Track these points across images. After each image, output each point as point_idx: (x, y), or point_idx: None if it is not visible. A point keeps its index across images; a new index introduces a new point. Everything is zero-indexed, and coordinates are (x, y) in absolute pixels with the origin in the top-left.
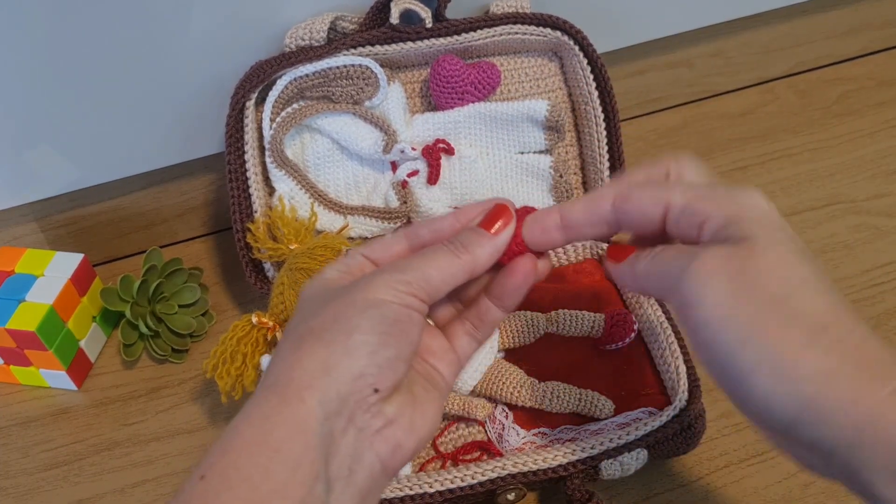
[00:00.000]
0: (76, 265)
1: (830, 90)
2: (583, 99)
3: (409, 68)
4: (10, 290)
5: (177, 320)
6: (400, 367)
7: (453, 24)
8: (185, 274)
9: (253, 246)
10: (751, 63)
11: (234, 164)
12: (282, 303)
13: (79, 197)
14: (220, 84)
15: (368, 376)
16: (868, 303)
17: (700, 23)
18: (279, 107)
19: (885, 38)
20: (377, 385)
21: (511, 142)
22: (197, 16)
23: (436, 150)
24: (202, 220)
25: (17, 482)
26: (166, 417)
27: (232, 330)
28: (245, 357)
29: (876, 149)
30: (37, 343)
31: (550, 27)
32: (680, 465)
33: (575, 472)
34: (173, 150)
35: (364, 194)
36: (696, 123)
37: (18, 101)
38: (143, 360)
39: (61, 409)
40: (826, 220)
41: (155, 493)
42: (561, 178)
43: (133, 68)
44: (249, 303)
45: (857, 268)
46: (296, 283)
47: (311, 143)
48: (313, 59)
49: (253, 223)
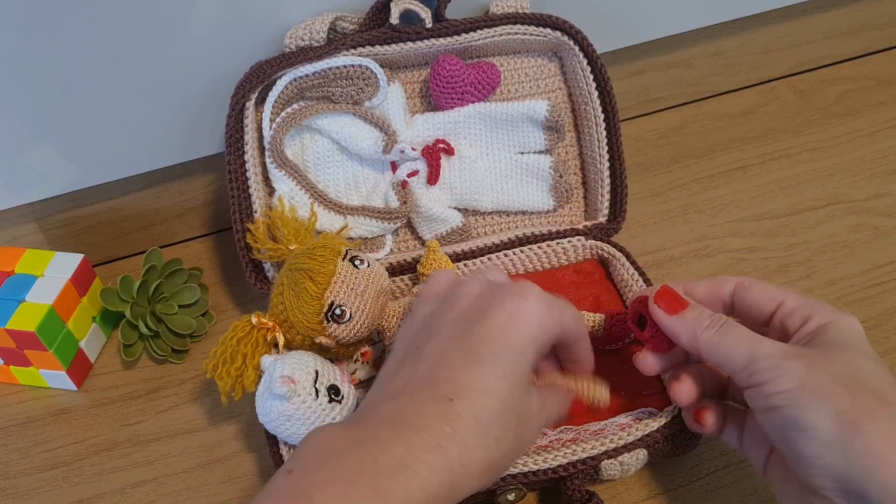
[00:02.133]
0: (76, 265)
1: (830, 90)
2: (582, 99)
3: (409, 68)
4: (9, 291)
5: (177, 320)
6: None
7: (453, 25)
8: (185, 274)
9: (252, 246)
10: (750, 63)
11: (234, 164)
12: (281, 303)
13: (79, 197)
14: (220, 84)
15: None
16: (868, 303)
17: (700, 23)
18: (279, 107)
19: (884, 38)
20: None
21: (511, 142)
22: (197, 16)
23: (436, 151)
24: (202, 221)
25: (16, 482)
26: (166, 418)
27: (232, 330)
28: (245, 357)
29: (875, 149)
30: (37, 343)
31: (550, 27)
32: (680, 465)
33: (575, 473)
34: (173, 151)
35: (364, 194)
36: (695, 123)
37: (18, 101)
38: (142, 360)
39: (61, 410)
40: (826, 219)
41: (155, 494)
42: (561, 178)
43: (133, 68)
44: (249, 303)
45: (856, 268)
46: (295, 283)
47: (311, 143)
48: (313, 59)
49: (253, 223)
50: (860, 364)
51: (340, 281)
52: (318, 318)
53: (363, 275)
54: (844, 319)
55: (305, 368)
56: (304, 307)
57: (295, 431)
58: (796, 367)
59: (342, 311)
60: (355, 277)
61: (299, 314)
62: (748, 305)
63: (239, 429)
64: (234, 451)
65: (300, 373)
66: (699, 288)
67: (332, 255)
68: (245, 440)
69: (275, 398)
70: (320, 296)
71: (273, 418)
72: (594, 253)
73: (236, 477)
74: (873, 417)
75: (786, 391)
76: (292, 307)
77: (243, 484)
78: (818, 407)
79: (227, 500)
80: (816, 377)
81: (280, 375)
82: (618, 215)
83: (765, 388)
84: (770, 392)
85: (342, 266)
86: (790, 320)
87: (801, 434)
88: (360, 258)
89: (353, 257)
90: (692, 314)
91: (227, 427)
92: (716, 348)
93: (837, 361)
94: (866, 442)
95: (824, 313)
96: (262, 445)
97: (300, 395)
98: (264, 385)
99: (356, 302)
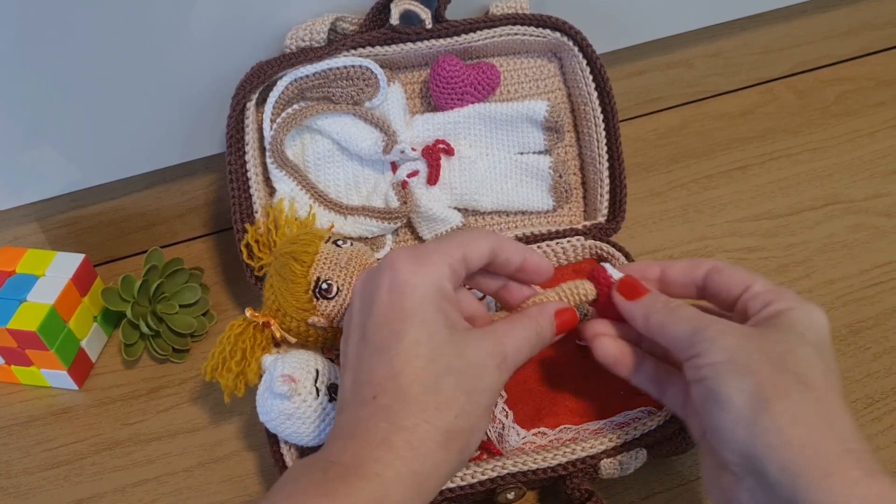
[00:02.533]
0: (77, 265)
1: (829, 90)
2: (582, 99)
3: (408, 69)
4: (11, 290)
5: (177, 320)
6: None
7: (453, 25)
8: (186, 274)
9: (245, 253)
10: (750, 63)
11: (234, 164)
12: (272, 292)
13: (80, 197)
14: (220, 85)
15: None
16: (867, 303)
17: (700, 23)
18: (280, 107)
19: (884, 38)
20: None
21: (511, 142)
22: (198, 16)
23: (436, 151)
24: (203, 221)
25: (18, 482)
26: (167, 417)
27: (229, 329)
28: (245, 352)
29: (875, 149)
30: (38, 343)
31: (550, 28)
32: (679, 465)
33: (574, 472)
34: (174, 151)
35: (364, 195)
36: (695, 124)
37: (19, 102)
38: (143, 359)
39: (62, 409)
40: (825, 219)
41: (156, 493)
42: (560, 179)
43: (134, 69)
44: (250, 303)
45: (855, 268)
46: (282, 266)
47: (312, 143)
48: (314, 59)
49: (253, 224)
50: (795, 347)
51: (324, 258)
52: (307, 297)
53: (345, 251)
54: (806, 308)
55: (306, 367)
56: (292, 287)
57: (295, 430)
58: (730, 342)
59: (329, 286)
60: (338, 254)
61: (289, 296)
62: (718, 288)
63: (240, 428)
64: (235, 451)
65: (300, 372)
66: (675, 268)
67: (315, 238)
68: (246, 439)
69: (275, 397)
70: (305, 273)
71: (273, 417)
72: (594, 253)
73: (237, 476)
74: (786, 397)
75: (714, 363)
76: (281, 291)
77: (244, 483)
78: (738, 382)
79: (228, 499)
80: (747, 353)
81: (280, 374)
82: (617, 215)
83: (697, 360)
84: (701, 364)
85: (325, 247)
86: (752, 303)
87: (717, 406)
88: (343, 240)
89: (336, 240)
90: (648, 299)
91: (227, 426)
92: (663, 327)
93: (773, 341)
94: (773, 420)
95: (787, 300)
96: (262, 444)
97: (300, 393)
98: (265, 384)
99: (341, 275)
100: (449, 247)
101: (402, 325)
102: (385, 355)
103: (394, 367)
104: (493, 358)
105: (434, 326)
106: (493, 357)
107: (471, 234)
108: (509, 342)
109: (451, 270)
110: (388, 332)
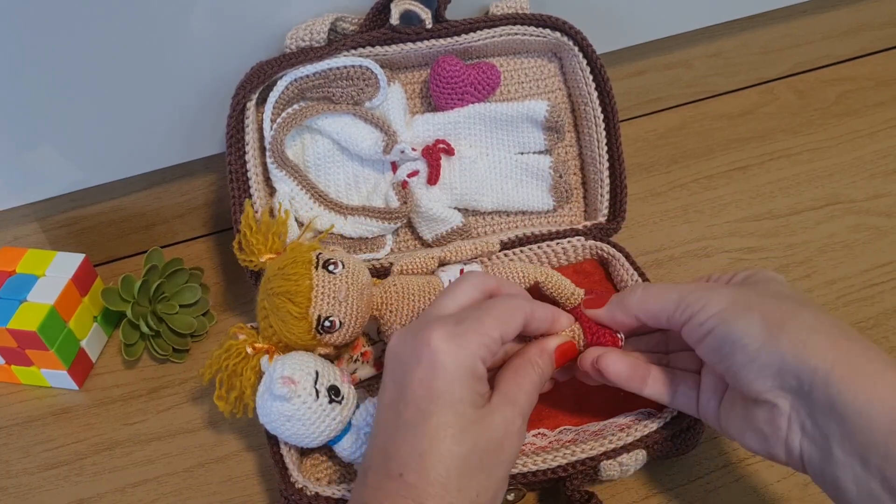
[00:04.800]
0: (77, 265)
1: (829, 90)
2: (582, 99)
3: (409, 69)
4: (11, 290)
5: (178, 320)
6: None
7: (453, 25)
8: (186, 274)
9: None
10: (750, 63)
11: (234, 164)
12: (270, 327)
13: (80, 197)
14: (220, 85)
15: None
16: (867, 303)
17: (699, 23)
18: (280, 107)
19: (883, 38)
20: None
21: (511, 142)
22: (198, 17)
23: (436, 151)
24: (203, 221)
25: (18, 482)
26: (167, 417)
27: (226, 351)
28: (241, 381)
29: (875, 149)
30: (38, 343)
31: (550, 28)
32: (679, 465)
33: (574, 473)
34: (174, 151)
35: (364, 195)
36: (695, 124)
37: (20, 102)
38: (143, 359)
39: (62, 409)
40: (825, 219)
41: (156, 493)
42: (560, 179)
43: (134, 69)
44: (250, 303)
45: (856, 268)
46: (277, 309)
47: (312, 143)
48: (314, 59)
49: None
50: (782, 288)
51: (320, 294)
52: (310, 335)
53: (341, 279)
54: (761, 271)
55: (305, 369)
56: (293, 328)
57: (295, 432)
58: (722, 293)
59: (331, 322)
60: (334, 285)
61: (290, 335)
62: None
63: (239, 428)
64: (235, 451)
65: (300, 374)
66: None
67: (305, 269)
68: (245, 439)
69: (275, 399)
70: (305, 315)
71: (273, 419)
72: (594, 253)
73: (237, 476)
74: (797, 316)
75: (716, 313)
76: (282, 331)
77: (244, 483)
78: (747, 317)
79: (228, 500)
80: (743, 297)
81: (280, 376)
82: (617, 215)
83: (698, 317)
84: (703, 319)
85: (318, 277)
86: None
87: (734, 345)
88: (332, 261)
89: (326, 262)
90: (619, 294)
91: (227, 426)
92: (644, 303)
93: (762, 287)
94: (793, 335)
95: (746, 272)
96: (262, 445)
97: (300, 395)
98: (265, 386)
99: (342, 309)
100: (487, 326)
101: (430, 406)
102: (412, 432)
103: (421, 447)
104: (513, 424)
105: (461, 407)
106: (513, 423)
107: (508, 307)
108: (521, 396)
109: (487, 350)
110: (417, 411)
